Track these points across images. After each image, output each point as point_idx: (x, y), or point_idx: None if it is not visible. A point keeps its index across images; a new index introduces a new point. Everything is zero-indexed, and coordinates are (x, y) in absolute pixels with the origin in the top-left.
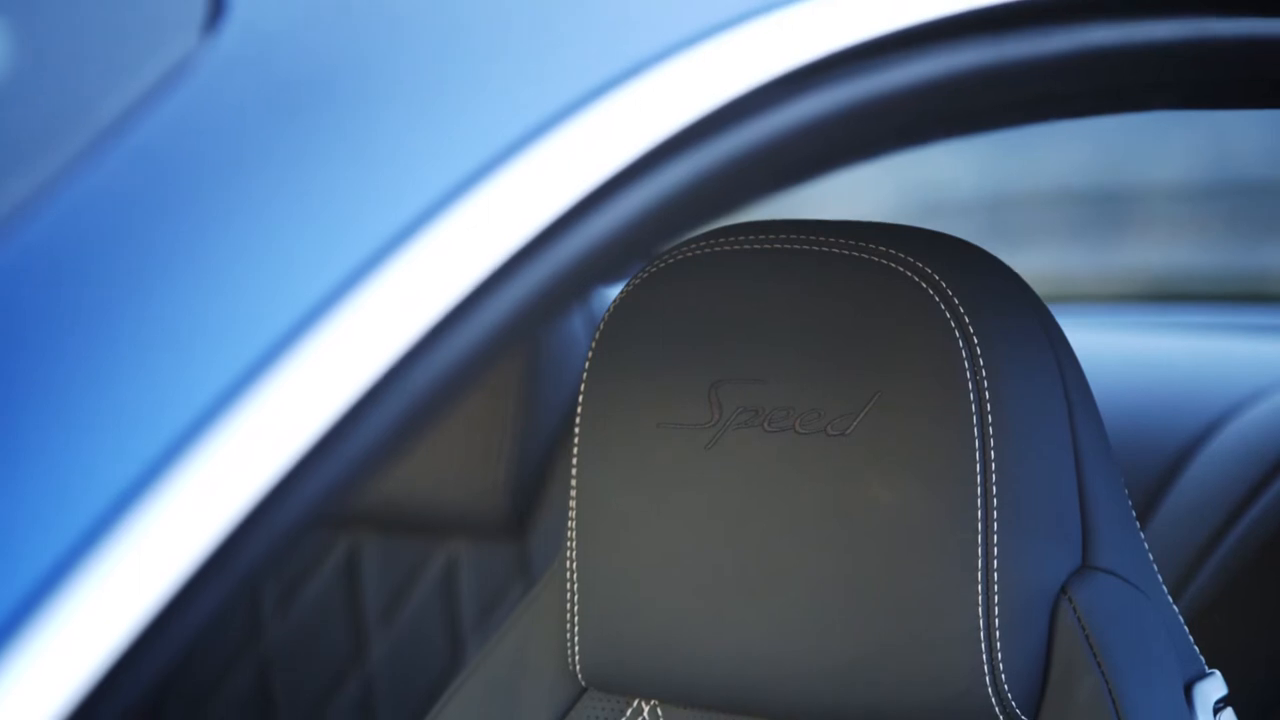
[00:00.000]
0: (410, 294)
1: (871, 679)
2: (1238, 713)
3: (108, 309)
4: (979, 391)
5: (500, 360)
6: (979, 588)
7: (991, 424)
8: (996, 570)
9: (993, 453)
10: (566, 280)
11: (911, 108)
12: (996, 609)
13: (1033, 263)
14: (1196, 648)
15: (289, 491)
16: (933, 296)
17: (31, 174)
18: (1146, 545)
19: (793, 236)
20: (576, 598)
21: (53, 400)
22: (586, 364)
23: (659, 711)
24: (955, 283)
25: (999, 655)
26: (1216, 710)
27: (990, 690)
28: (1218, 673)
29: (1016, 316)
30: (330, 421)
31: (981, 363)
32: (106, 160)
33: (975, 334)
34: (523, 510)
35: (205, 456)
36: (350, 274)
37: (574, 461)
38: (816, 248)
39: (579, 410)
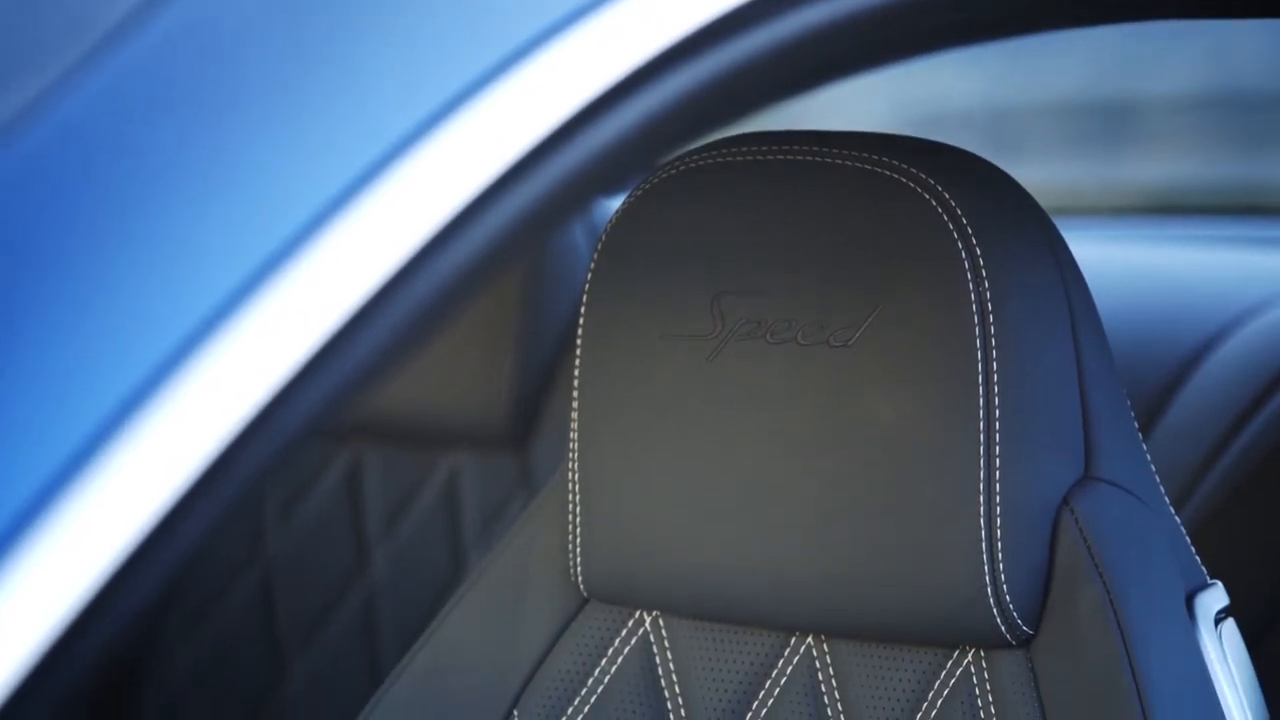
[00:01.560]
0: (411, 204)
1: (872, 591)
2: (1239, 623)
3: (108, 217)
4: (982, 304)
5: (501, 271)
6: (980, 499)
7: (994, 336)
8: (998, 482)
9: (995, 364)
10: (567, 190)
11: (914, 18)
12: (998, 520)
13: (1034, 176)
14: (1198, 559)
15: (290, 400)
16: (937, 209)
17: (32, 81)
18: (1149, 457)
19: (796, 148)
20: (578, 509)
21: (53, 308)
22: (588, 276)
23: (660, 622)
24: (960, 195)
25: (1000, 566)
26: (1218, 621)
27: (992, 601)
28: (1219, 583)
29: (1021, 229)
30: (331, 330)
31: (985, 275)
32: (109, 66)
33: (979, 247)
34: (525, 422)
35: (206, 365)
36: (350, 185)
37: (575, 373)
38: (820, 159)
39: (581, 322)
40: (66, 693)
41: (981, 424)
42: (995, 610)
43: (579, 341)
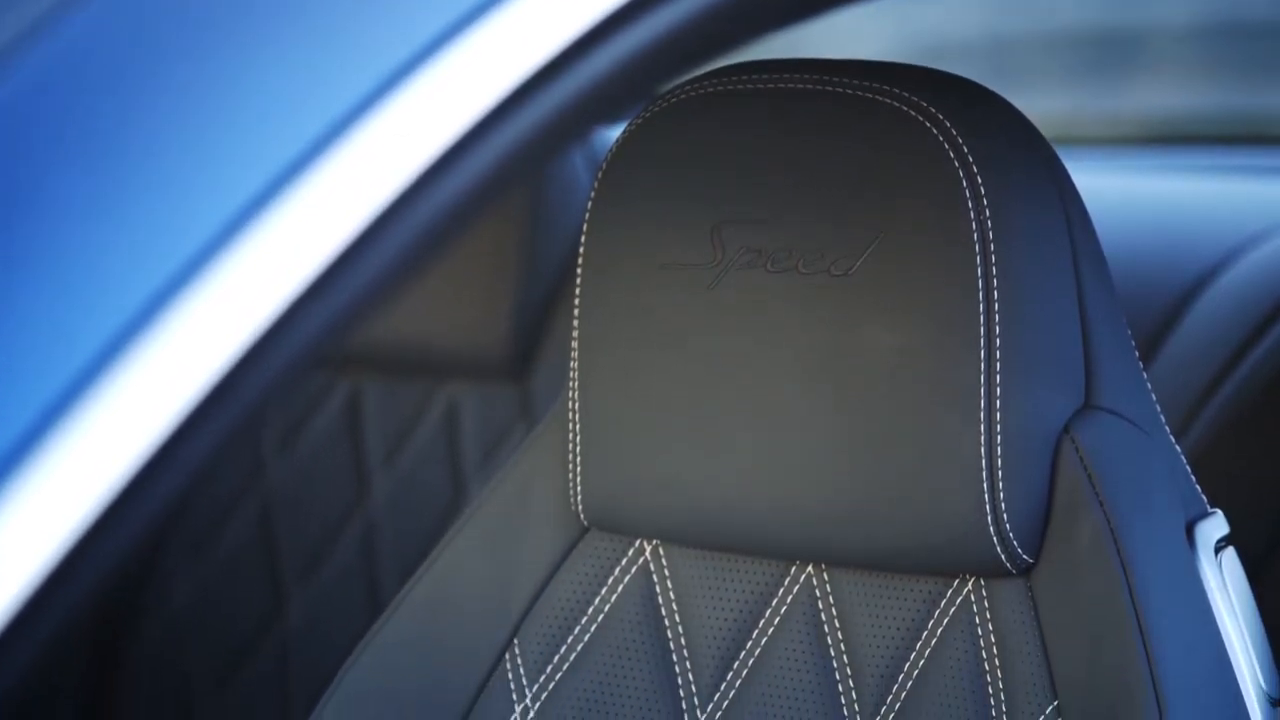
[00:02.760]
0: (409, 131)
1: (872, 520)
2: (1239, 552)
3: (108, 142)
4: (983, 232)
5: (500, 199)
6: (981, 428)
7: (995, 265)
8: (999, 410)
9: (996, 293)
10: (565, 119)
11: None
12: (999, 449)
13: (1035, 106)
14: (1199, 487)
15: (289, 327)
16: (938, 137)
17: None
18: (1149, 386)
19: (797, 76)
20: (578, 438)
21: (52, 233)
22: (588, 205)
23: (660, 551)
24: (961, 124)
25: (1001, 495)
26: (1218, 549)
27: (992, 529)
28: (1219, 512)
29: (1022, 158)
30: (330, 258)
31: (986, 204)
32: None
33: (980, 175)
34: (525, 352)
35: (205, 292)
36: (348, 113)
37: (576, 302)
38: (822, 87)
39: (581, 251)
40: (65, 622)
41: (982, 353)
42: (995, 539)
43: (579, 271)
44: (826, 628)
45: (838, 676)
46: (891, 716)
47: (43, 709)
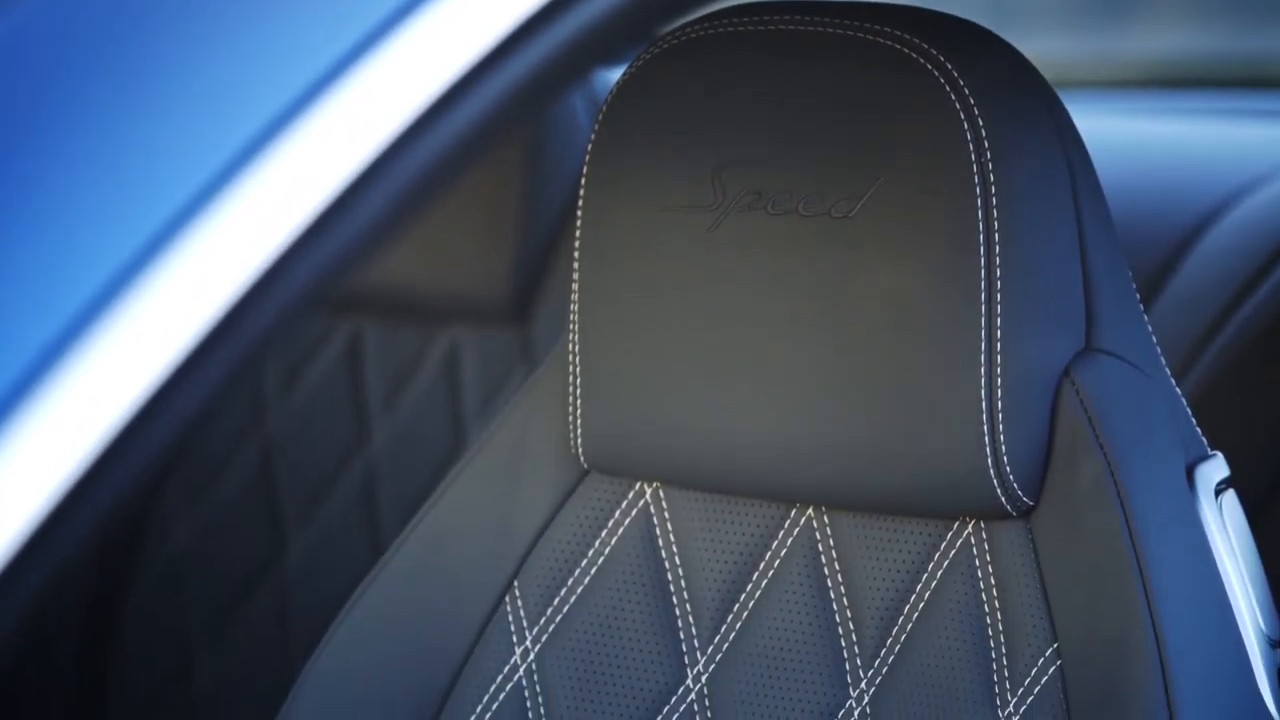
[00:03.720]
0: (409, 70)
1: (872, 462)
2: (1239, 494)
3: (106, 82)
4: (983, 174)
5: (499, 141)
6: (981, 370)
7: (996, 208)
8: (999, 353)
9: (996, 236)
10: (565, 60)
11: None
12: (999, 391)
13: (1034, 48)
14: (1199, 430)
15: (290, 266)
16: (938, 79)
17: None
18: (1150, 328)
19: (798, 18)
20: (578, 381)
21: (54, 168)
22: (588, 148)
23: (661, 494)
24: (961, 65)
25: (1001, 437)
26: (1218, 492)
27: (992, 472)
28: (1220, 455)
29: (1023, 99)
30: (329, 198)
31: (987, 146)
32: None
33: (981, 118)
34: (525, 296)
35: (205, 233)
36: (347, 54)
37: (576, 245)
38: (822, 29)
39: (581, 194)
40: (63, 566)
41: (982, 295)
42: (995, 481)
43: (579, 214)
44: (826, 570)
45: (838, 619)
46: (891, 659)
47: (41, 653)
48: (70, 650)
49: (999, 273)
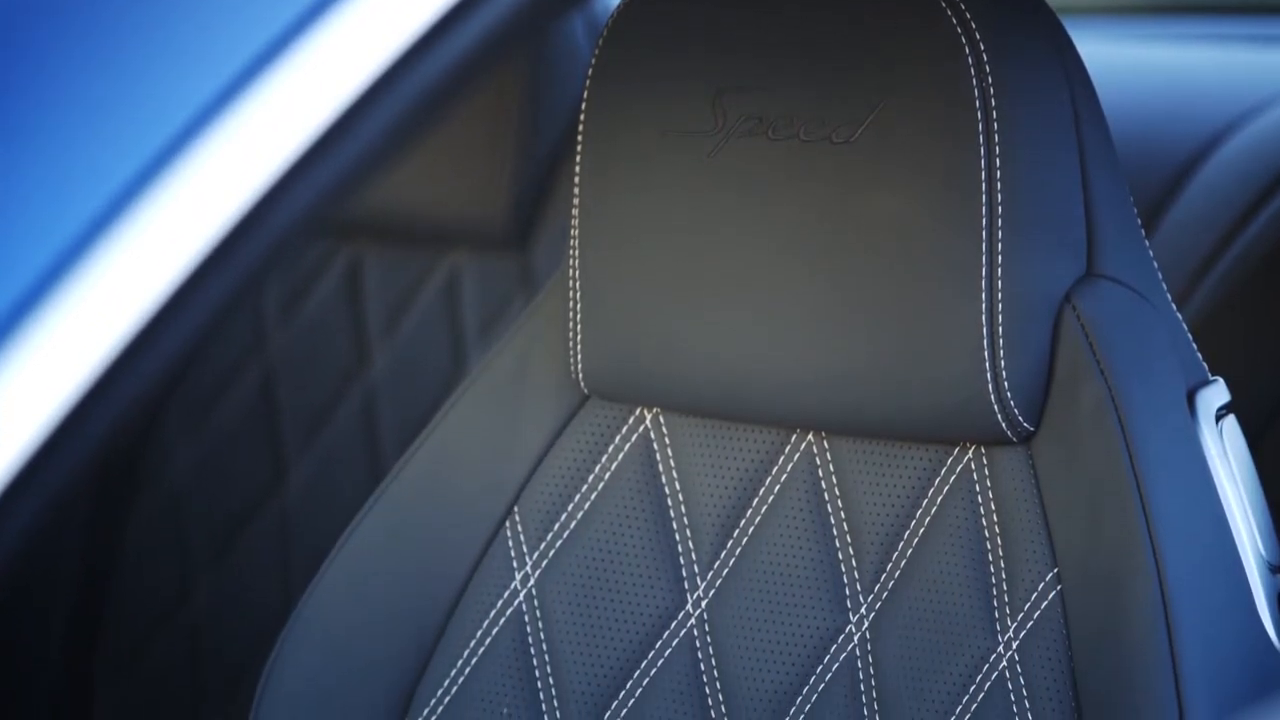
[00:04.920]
0: None
1: (872, 387)
2: (1240, 420)
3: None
4: (985, 100)
5: (499, 63)
6: (982, 296)
7: (997, 132)
8: (1000, 278)
9: (998, 160)
10: None
11: None
12: (1000, 316)
13: None
14: (1200, 355)
15: (289, 189)
16: (940, 4)
17: None
18: (1151, 254)
19: None
20: (579, 306)
21: (54, 95)
22: (589, 72)
23: (660, 419)
24: None
25: (1001, 362)
26: (1219, 417)
27: (993, 397)
28: (1220, 380)
29: (1025, 25)
30: (329, 120)
31: (988, 70)
32: None
33: (983, 44)
34: (525, 221)
35: (205, 155)
36: None
37: (576, 170)
38: None
39: (581, 119)
40: (63, 488)
41: (984, 220)
42: (996, 406)
43: (580, 139)
44: (827, 496)
45: (838, 545)
46: (891, 584)
47: (42, 578)
48: (71, 575)
49: (1000, 198)
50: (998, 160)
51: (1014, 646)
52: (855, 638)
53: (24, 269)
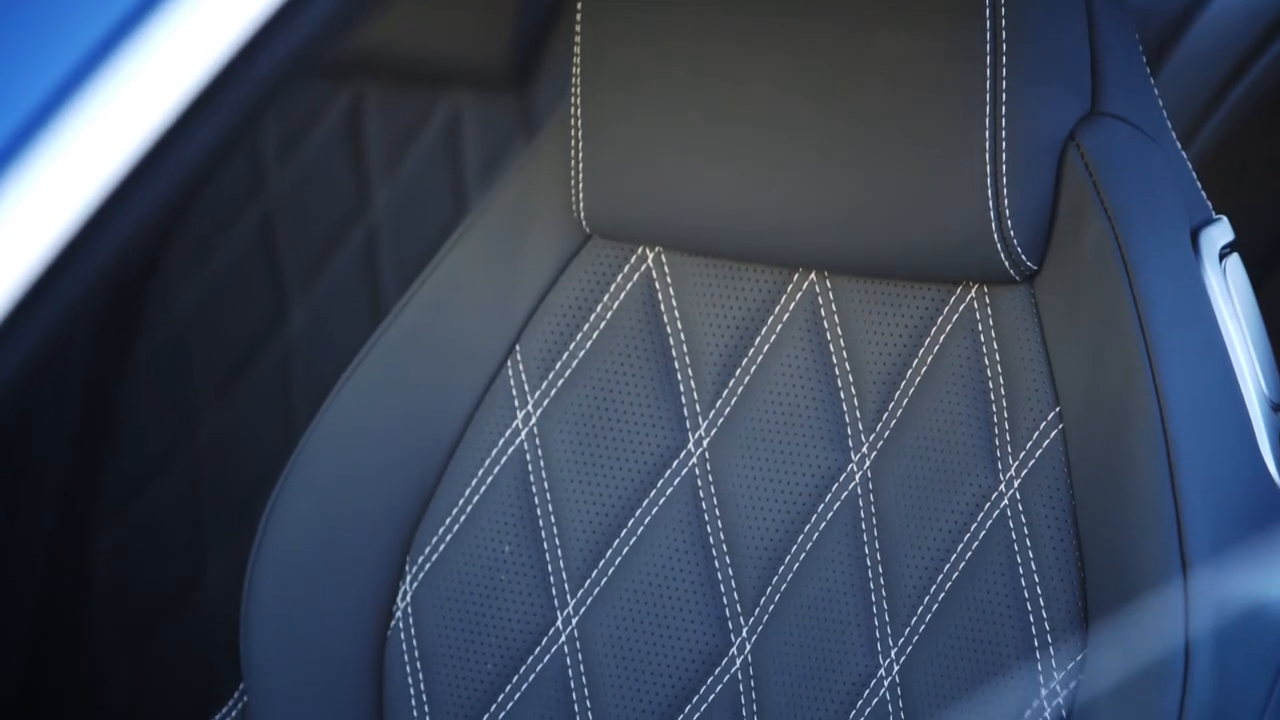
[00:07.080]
0: None
1: (876, 226)
2: (1243, 258)
3: None
4: None
5: None
6: (986, 134)
7: None
8: (1004, 116)
9: None
10: None
11: None
12: (1003, 155)
13: None
14: (1204, 194)
15: (287, 22)
16: None
17: None
18: (1156, 92)
19: None
20: (581, 145)
21: None
22: None
23: (663, 258)
24: None
25: (1005, 200)
26: (1222, 255)
27: (995, 235)
28: (1224, 219)
29: None
30: None
31: None
32: None
33: None
34: (527, 61)
35: None
36: None
37: (578, 9)
38: None
39: None
40: (68, 313)
41: (988, 56)
42: (999, 245)
43: None
44: (829, 335)
45: (839, 384)
46: (894, 423)
47: (41, 419)
48: (74, 408)
49: (1004, 35)
50: None
51: (1015, 485)
52: (856, 477)
53: (27, 94)
